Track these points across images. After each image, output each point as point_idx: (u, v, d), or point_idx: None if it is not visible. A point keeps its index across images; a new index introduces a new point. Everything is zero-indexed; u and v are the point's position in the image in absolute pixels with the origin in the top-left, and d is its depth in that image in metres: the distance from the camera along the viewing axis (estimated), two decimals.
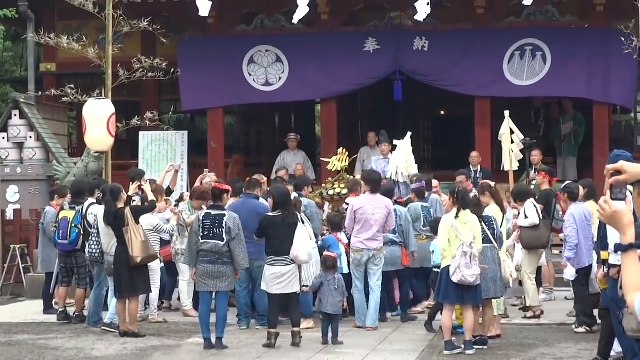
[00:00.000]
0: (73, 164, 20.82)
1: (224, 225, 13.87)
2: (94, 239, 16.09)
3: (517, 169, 18.01)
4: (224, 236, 13.88)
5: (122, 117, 18.95)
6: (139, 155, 21.98)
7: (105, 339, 15.11)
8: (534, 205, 16.00)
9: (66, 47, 19.88)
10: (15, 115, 21.68)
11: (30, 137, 21.54)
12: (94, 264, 16.29)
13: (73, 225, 16.88)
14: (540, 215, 15.88)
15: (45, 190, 19.76)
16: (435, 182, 17.98)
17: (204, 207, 15.73)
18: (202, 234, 13.95)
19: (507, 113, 18.54)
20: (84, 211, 16.64)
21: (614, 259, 11.40)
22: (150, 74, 19.27)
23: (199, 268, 14.21)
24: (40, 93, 22.19)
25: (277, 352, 13.72)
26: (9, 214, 20.67)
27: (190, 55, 22.28)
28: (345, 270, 15.69)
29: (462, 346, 13.28)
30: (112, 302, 15.77)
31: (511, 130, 18.18)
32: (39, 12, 21.70)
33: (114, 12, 18.61)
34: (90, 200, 16.80)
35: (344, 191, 17.91)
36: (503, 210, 14.97)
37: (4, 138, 21.64)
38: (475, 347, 13.36)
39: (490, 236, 13.87)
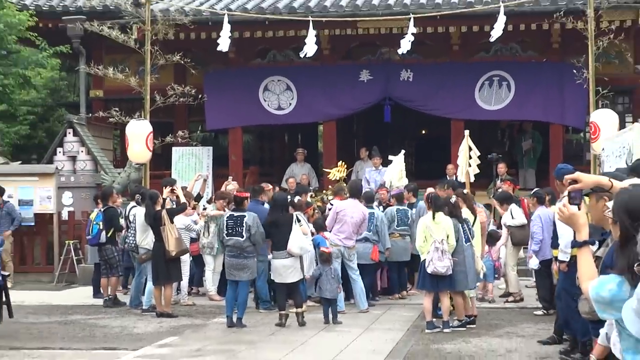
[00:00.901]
0: (117, 173, 20.79)
1: (244, 224, 14.14)
2: (132, 233, 16.31)
3: (473, 180, 17.77)
4: (244, 233, 14.17)
5: (158, 135, 19.02)
6: (172, 167, 21.88)
7: (144, 319, 15.31)
8: (519, 208, 16.03)
9: (112, 77, 19.79)
10: (69, 133, 21.62)
11: (82, 151, 21.49)
12: (133, 255, 16.45)
13: (94, 222, 17.23)
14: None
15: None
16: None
17: (225, 208, 16.19)
18: (226, 232, 14.32)
19: (466, 132, 18.30)
20: (127, 212, 16.81)
21: (562, 256, 11.60)
22: (181, 99, 19.28)
23: (226, 260, 14.87)
24: (90, 115, 22.18)
25: (287, 330, 13.89)
26: (64, 215, 20.60)
27: (215, 83, 22.19)
28: None
29: (440, 326, 13.43)
30: (148, 287, 15.93)
31: (469, 147, 17.97)
32: (89, 47, 21.58)
33: (151, 47, 18.73)
34: (132, 203, 16.90)
35: None
36: (474, 213, 14.78)
37: (60, 152, 21.59)
38: (468, 326, 13.65)
39: (470, 236, 13.94)
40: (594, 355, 4.95)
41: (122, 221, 17.01)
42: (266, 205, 16.18)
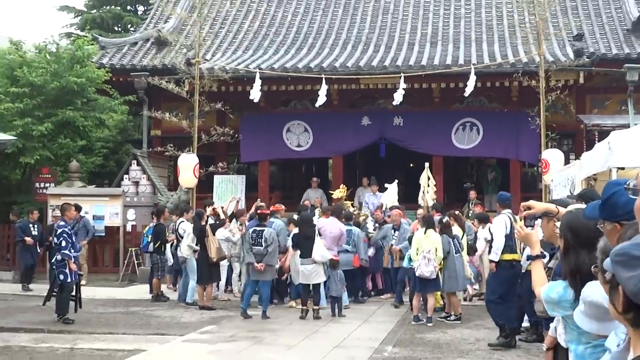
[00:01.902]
0: (170, 195, 20.81)
1: (263, 236, 14.31)
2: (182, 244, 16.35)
3: (431, 203, 17.62)
4: (263, 243, 14.28)
5: (203, 165, 19.04)
6: (213, 191, 21.78)
7: (189, 311, 15.30)
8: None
9: (168, 120, 19.95)
10: (134, 163, 21.68)
11: (143, 178, 21.51)
12: (183, 261, 16.36)
13: (145, 235, 17.69)
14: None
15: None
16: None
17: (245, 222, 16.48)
18: (251, 242, 14.39)
19: (426, 165, 18.43)
20: (176, 226, 16.79)
21: (493, 256, 11.97)
22: (221, 137, 19.37)
23: (250, 265, 14.68)
24: (150, 149, 22.23)
25: (302, 321, 13.98)
26: (129, 228, 20.63)
27: (248, 126, 22.19)
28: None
29: (424, 320, 13.49)
30: (191, 286, 16.08)
31: (428, 177, 18.03)
32: (150, 96, 21.69)
33: (199, 97, 18.75)
34: (181, 218, 16.84)
35: None
36: (463, 229, 15.10)
37: (126, 178, 21.59)
38: (455, 321, 13.66)
39: (459, 248, 14.15)
40: (546, 344, 4.89)
41: (171, 234, 16.98)
42: (280, 220, 16.49)
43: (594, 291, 3.60)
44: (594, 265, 2.67)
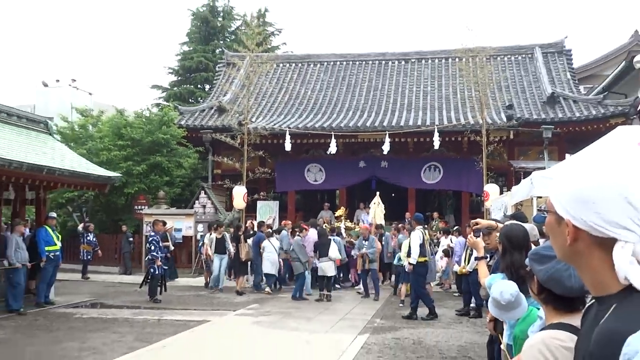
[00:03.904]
0: (227, 214, 20.64)
1: (290, 245, 14.79)
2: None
3: (379, 222, 17.30)
4: (292, 248, 14.55)
5: (249, 194, 18.86)
6: (256, 212, 21.63)
7: (230, 294, 14.95)
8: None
9: (225, 163, 19.96)
10: (202, 193, 21.63)
11: (208, 202, 21.44)
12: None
13: (200, 243, 17.89)
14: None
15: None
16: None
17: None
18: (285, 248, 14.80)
19: (377, 193, 18.24)
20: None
21: (412, 260, 11.76)
22: (262, 175, 19.32)
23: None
24: (213, 183, 22.22)
25: (319, 302, 13.74)
26: (198, 237, 20.31)
27: (281, 167, 22.19)
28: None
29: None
30: (221, 277, 15.85)
31: (378, 202, 17.94)
32: (214, 146, 21.67)
33: (247, 147, 18.79)
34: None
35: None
36: (431, 238, 14.52)
37: (197, 203, 21.47)
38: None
39: (433, 251, 14.06)
40: (488, 317, 4.78)
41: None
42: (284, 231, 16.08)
43: (495, 291, 3.72)
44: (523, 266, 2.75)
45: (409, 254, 11.98)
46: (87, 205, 22.70)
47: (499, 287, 3.72)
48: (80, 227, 20.20)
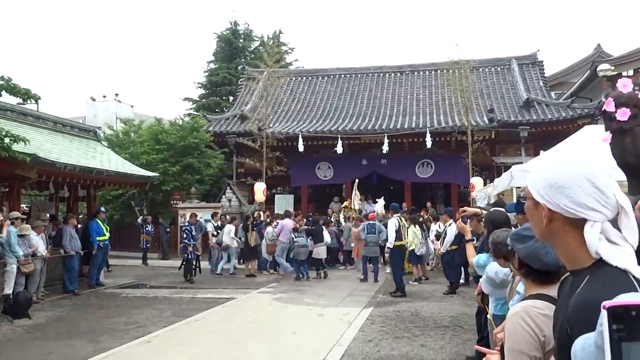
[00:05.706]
0: (250, 207, 20.55)
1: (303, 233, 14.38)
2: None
3: (357, 208, 17.22)
4: (302, 236, 14.24)
5: (268, 189, 18.88)
6: (274, 204, 21.51)
7: (247, 278, 14.68)
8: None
9: (247, 163, 19.96)
10: (228, 188, 21.69)
11: (233, 197, 21.50)
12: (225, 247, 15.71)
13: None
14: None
15: (240, 218, 19.24)
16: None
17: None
18: (295, 235, 14.38)
19: (356, 181, 18.04)
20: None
21: (389, 244, 11.81)
22: (279, 172, 19.27)
23: (296, 249, 14.13)
24: (237, 180, 22.21)
25: (325, 280, 13.67)
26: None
27: (295, 165, 22.07)
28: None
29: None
30: (232, 262, 15.42)
31: (357, 192, 17.93)
32: (237, 149, 21.48)
33: (266, 149, 18.76)
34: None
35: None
36: (425, 226, 14.26)
37: (224, 197, 21.54)
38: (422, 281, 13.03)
39: (427, 236, 13.88)
40: (477, 291, 4.68)
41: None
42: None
43: (490, 270, 3.66)
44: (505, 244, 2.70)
45: (387, 239, 11.93)
46: (147, 201, 22.59)
47: (495, 268, 3.68)
48: (139, 219, 20.21)
